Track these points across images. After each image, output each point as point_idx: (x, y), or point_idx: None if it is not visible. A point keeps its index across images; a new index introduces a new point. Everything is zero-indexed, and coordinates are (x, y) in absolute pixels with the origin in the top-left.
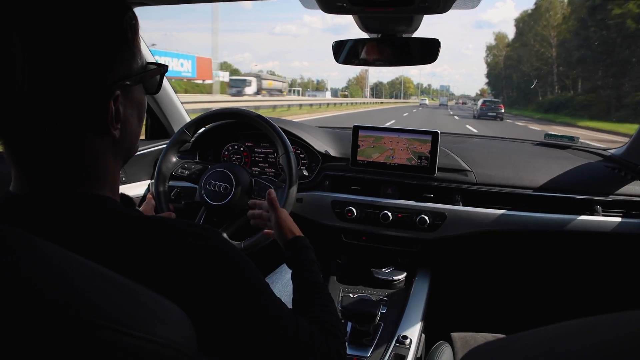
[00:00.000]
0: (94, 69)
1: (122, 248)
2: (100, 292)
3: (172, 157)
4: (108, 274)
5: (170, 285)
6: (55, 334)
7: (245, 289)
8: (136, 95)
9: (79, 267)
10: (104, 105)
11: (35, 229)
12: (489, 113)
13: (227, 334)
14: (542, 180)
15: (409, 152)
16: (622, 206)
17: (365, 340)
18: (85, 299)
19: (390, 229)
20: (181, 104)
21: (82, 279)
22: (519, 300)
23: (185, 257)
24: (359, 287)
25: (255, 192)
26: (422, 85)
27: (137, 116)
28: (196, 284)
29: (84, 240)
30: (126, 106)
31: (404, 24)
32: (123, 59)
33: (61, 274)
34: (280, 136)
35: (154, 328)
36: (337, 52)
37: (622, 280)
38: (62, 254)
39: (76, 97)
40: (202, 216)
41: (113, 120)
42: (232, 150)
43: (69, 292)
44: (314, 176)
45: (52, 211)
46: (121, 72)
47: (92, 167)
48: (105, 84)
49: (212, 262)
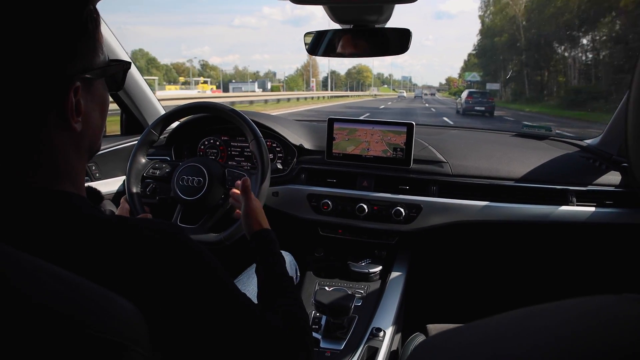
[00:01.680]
0: (52, 57)
1: (79, 247)
2: (44, 288)
3: (141, 158)
4: (54, 271)
5: (128, 284)
6: None
7: (209, 285)
8: (98, 90)
9: (23, 263)
10: (62, 96)
11: None
12: (477, 107)
13: (193, 331)
14: (518, 171)
15: (384, 144)
16: (596, 196)
17: (339, 333)
18: (27, 295)
19: (366, 221)
20: (156, 98)
21: (25, 275)
22: (495, 290)
23: (145, 256)
24: (335, 280)
25: (229, 183)
26: (383, 76)
27: (99, 111)
28: (156, 282)
29: (37, 237)
30: (87, 100)
31: (374, 14)
32: (84, 51)
33: (3, 271)
34: (247, 123)
35: (102, 323)
36: (310, 45)
37: (596, 269)
38: (4, 250)
39: (33, 85)
40: (179, 213)
41: (73, 112)
42: (208, 144)
43: (10, 288)
44: (289, 169)
45: (8, 208)
46: (82, 64)
47: (52, 162)
48: (64, 73)
49: (174, 260)
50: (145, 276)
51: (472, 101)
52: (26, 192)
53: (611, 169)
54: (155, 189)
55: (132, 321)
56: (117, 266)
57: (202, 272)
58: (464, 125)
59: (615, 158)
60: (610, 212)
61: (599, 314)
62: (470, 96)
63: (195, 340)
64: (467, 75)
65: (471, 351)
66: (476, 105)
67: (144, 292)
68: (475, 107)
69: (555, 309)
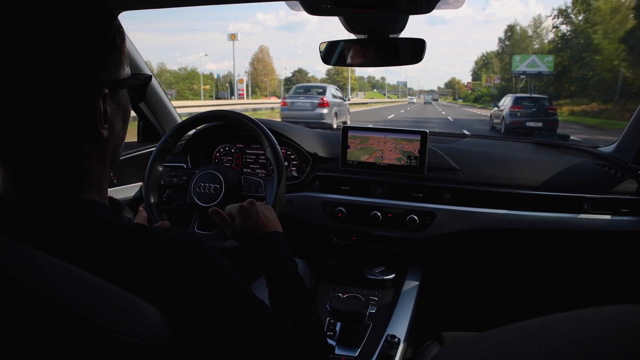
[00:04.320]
0: (84, 69)
1: (107, 254)
2: (73, 293)
3: (158, 167)
4: (83, 276)
5: (152, 291)
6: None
7: (224, 289)
8: (122, 100)
9: (53, 268)
10: (93, 104)
11: (20, 232)
12: (529, 123)
13: (210, 335)
14: (532, 179)
15: (397, 152)
16: (612, 204)
17: (354, 340)
18: (57, 298)
19: (380, 229)
20: (173, 106)
21: (55, 279)
22: (510, 298)
23: (166, 264)
24: (349, 287)
25: (245, 189)
26: (374, 79)
27: (122, 120)
28: (175, 287)
29: (68, 245)
30: (112, 108)
31: (389, 24)
32: (111, 63)
33: (36, 275)
34: (262, 130)
35: (127, 326)
36: (324, 53)
37: (611, 278)
38: (37, 255)
39: (66, 97)
40: (196, 220)
41: (102, 120)
42: (224, 152)
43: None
44: (304, 177)
45: (39, 215)
46: (110, 75)
47: (80, 170)
48: (94, 84)
49: (193, 268)
50: (165, 281)
51: (521, 113)
52: (61, 202)
53: (627, 177)
54: (172, 196)
55: (156, 325)
56: (140, 272)
57: (218, 277)
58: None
59: (631, 166)
60: (626, 220)
61: (619, 323)
62: (518, 105)
63: (213, 344)
64: (519, 59)
65: (493, 357)
66: (529, 120)
67: (165, 297)
68: (528, 122)
69: (576, 318)
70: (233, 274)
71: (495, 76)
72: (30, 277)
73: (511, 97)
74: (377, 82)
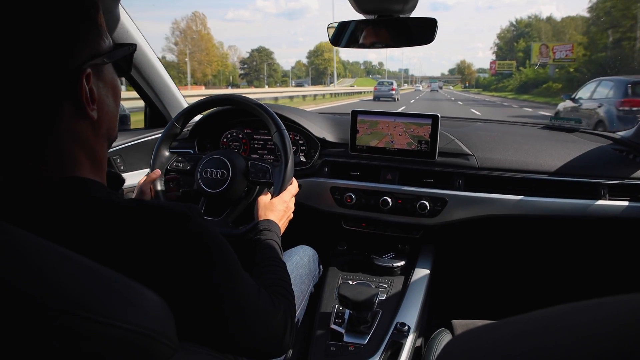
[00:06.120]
0: (61, 47)
1: (102, 234)
2: (70, 279)
3: (164, 152)
4: (79, 260)
5: (148, 269)
6: (23, 322)
7: (217, 267)
8: (108, 75)
9: (48, 253)
10: (76, 84)
11: (12, 215)
12: None
13: (199, 313)
14: (547, 163)
15: (407, 137)
16: (630, 189)
17: (363, 328)
18: (53, 286)
19: (390, 214)
20: (179, 91)
21: (50, 265)
22: (522, 286)
23: (160, 238)
24: (358, 274)
25: (252, 175)
26: (370, 64)
27: (112, 97)
28: (172, 265)
29: (61, 227)
30: (99, 86)
31: (399, 3)
32: (90, 37)
33: (29, 262)
34: (270, 115)
35: (127, 315)
36: (333, 36)
37: (628, 266)
38: (32, 240)
39: (46, 77)
40: (202, 206)
41: (88, 100)
42: (231, 137)
43: (36, 279)
44: (312, 162)
45: (30, 198)
46: (89, 51)
47: (72, 151)
48: (74, 62)
49: (188, 243)
50: (158, 255)
51: None
52: (52, 183)
53: None
54: (179, 182)
55: (158, 313)
56: (133, 248)
57: (211, 249)
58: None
59: None
60: None
61: None
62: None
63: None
64: None
65: (508, 346)
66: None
67: (167, 278)
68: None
69: (598, 307)
70: (226, 246)
71: (563, 46)
72: (22, 262)
73: (620, 81)
74: (373, 67)
